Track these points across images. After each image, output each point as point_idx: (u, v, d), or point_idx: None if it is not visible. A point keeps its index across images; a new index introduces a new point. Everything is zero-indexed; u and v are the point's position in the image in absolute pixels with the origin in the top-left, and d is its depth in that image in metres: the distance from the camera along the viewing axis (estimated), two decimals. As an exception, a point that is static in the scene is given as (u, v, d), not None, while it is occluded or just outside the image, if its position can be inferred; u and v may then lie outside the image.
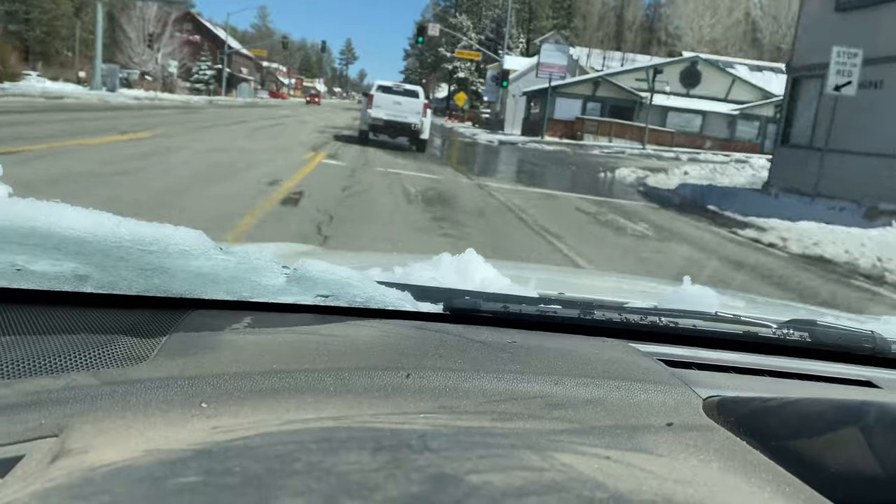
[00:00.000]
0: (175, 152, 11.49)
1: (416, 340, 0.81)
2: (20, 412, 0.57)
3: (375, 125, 18.21)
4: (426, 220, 7.85)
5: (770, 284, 6.51)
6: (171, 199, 7.12)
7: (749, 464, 0.59)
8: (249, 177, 9.51)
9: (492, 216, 8.87)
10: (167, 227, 0.71)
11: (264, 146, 15.16)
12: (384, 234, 6.70)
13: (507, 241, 7.27)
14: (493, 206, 9.71)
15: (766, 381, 0.85)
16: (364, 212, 7.95)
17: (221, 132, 18.35)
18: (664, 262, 7.08)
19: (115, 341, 0.71)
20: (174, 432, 0.55)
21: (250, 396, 0.62)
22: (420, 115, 18.04)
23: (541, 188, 13.61)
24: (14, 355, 0.65)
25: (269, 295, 0.81)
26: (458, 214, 8.58)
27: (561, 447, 0.55)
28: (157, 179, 8.32)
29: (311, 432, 0.54)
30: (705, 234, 9.63)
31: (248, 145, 14.92)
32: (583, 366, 0.78)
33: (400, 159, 15.30)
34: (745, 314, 1.02)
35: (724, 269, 7.15)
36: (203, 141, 14.59)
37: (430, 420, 0.60)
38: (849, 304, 6.18)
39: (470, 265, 1.13)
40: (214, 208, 6.92)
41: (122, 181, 7.84)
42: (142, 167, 9.17)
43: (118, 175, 8.21)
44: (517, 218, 8.82)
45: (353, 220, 7.26)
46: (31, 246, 0.66)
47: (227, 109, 34.76)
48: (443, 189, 10.94)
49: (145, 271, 0.73)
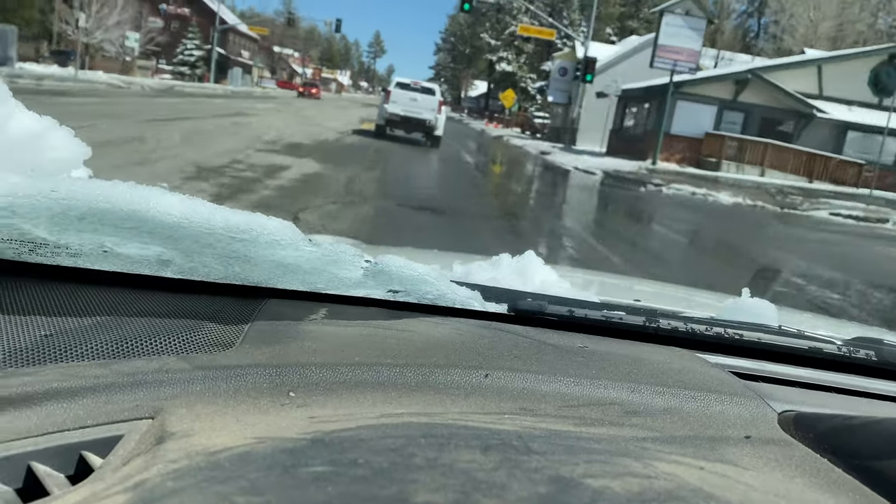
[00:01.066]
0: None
1: (489, 340, 0.81)
2: (117, 392, 0.57)
3: (392, 119, 19.05)
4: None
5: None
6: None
7: (832, 482, 0.58)
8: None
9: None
10: (260, 217, 0.71)
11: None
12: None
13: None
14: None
15: (836, 397, 0.84)
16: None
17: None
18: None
19: (201, 327, 0.71)
20: (272, 420, 0.55)
21: (336, 387, 0.63)
22: (435, 112, 18.84)
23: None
24: (107, 336, 0.66)
25: (343, 287, 0.81)
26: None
27: (654, 455, 0.55)
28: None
29: (412, 426, 0.54)
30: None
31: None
32: (656, 374, 0.77)
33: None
34: (808, 330, 1.01)
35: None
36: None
37: (515, 421, 0.60)
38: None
39: (530, 267, 1.11)
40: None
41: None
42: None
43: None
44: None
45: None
46: (126, 229, 0.67)
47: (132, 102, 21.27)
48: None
49: (228, 259, 0.73)
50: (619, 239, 9.35)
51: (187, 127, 14.98)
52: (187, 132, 13.77)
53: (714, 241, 10.71)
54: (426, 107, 18.82)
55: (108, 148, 9.31)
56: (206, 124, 16.42)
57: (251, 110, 25.43)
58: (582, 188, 16.11)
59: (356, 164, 12.56)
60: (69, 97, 18.76)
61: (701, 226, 11.92)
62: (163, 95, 27.36)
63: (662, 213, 12.73)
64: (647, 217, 12.37)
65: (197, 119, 17.56)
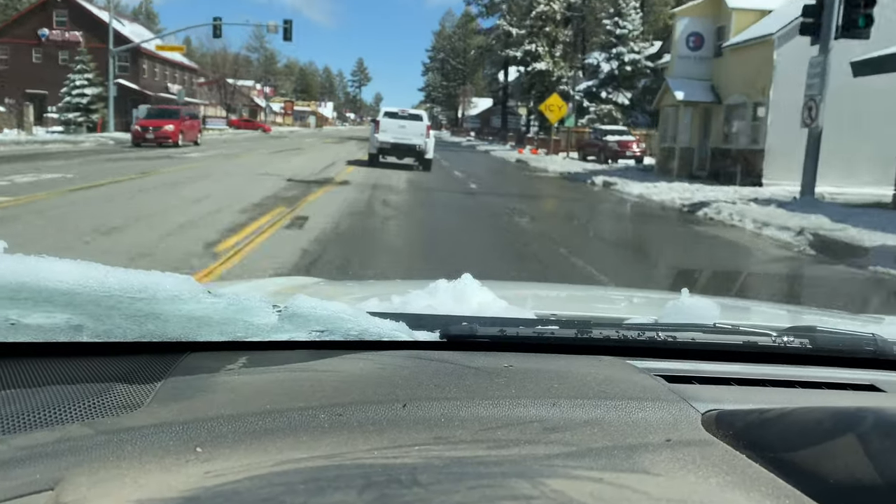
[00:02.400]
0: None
1: (411, 370, 0.80)
2: (15, 467, 0.57)
3: (383, 148, 20.29)
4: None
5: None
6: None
7: (748, 477, 0.59)
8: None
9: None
10: (156, 275, 0.71)
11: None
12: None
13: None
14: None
15: (768, 391, 0.84)
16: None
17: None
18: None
19: (111, 389, 0.71)
20: (168, 479, 0.55)
21: (245, 438, 0.63)
22: (424, 137, 19.98)
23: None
24: (9, 410, 0.66)
25: (263, 334, 0.81)
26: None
27: (554, 472, 0.56)
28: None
29: (300, 472, 0.54)
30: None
31: None
32: (579, 386, 0.78)
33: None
34: (744, 323, 1.02)
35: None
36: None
37: (423, 452, 0.60)
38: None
39: (466, 290, 1.12)
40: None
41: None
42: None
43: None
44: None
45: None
46: (22, 300, 0.67)
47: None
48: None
49: (138, 318, 0.73)
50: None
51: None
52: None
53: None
54: (415, 132, 19.83)
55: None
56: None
57: (162, 175, 13.84)
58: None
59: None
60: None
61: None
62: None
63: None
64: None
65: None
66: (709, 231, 10.51)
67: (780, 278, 7.53)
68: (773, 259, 8.48)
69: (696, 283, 4.09)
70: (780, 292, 6.73)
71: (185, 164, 17.82)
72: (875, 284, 7.08)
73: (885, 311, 4.39)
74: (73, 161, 16.94)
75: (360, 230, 8.56)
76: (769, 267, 8.09)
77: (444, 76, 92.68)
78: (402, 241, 8.19)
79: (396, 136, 19.79)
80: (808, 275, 7.85)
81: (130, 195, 10.81)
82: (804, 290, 7.09)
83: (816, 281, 7.49)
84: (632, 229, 11.63)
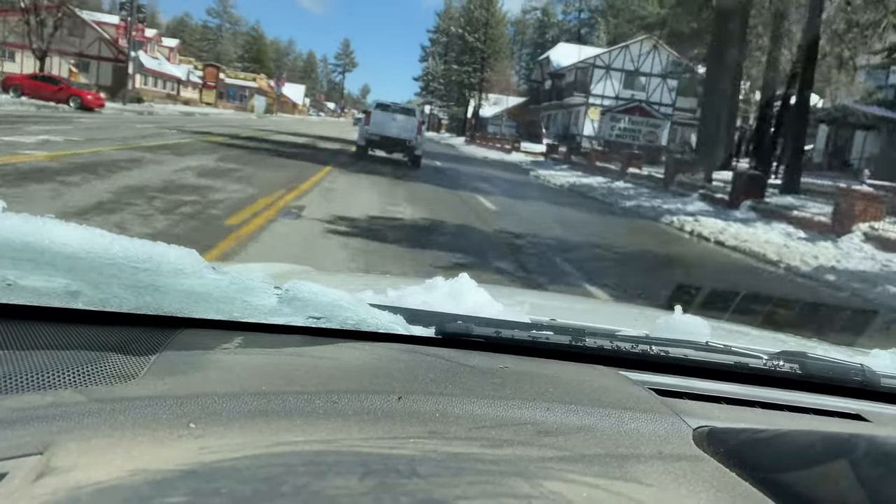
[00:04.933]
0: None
1: (407, 364, 0.80)
2: (4, 429, 0.56)
3: (372, 140, 19.44)
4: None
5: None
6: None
7: (738, 495, 0.59)
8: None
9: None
10: (160, 246, 0.71)
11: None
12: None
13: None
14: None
15: (757, 412, 0.85)
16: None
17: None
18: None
19: (105, 358, 0.70)
20: (161, 452, 0.55)
21: (238, 417, 0.62)
22: (415, 132, 19.28)
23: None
24: (1, 371, 0.65)
25: (260, 315, 0.80)
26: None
27: (550, 475, 0.56)
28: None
29: (299, 455, 0.54)
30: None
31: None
32: (574, 393, 0.78)
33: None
34: (735, 345, 1.03)
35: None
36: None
37: (419, 445, 0.60)
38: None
39: (463, 289, 1.12)
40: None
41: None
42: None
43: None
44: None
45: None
46: (24, 261, 0.66)
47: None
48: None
49: (137, 289, 0.72)
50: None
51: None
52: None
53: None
54: (406, 127, 19.26)
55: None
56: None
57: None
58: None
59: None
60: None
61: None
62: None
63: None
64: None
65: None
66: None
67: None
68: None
69: (692, 299, 3.73)
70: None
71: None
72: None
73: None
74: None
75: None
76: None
77: (455, 61, 69.56)
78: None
79: (387, 130, 19.21)
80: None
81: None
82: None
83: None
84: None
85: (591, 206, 15.07)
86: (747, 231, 11.55)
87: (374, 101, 20.59)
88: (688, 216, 13.15)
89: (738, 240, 10.88)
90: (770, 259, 9.75)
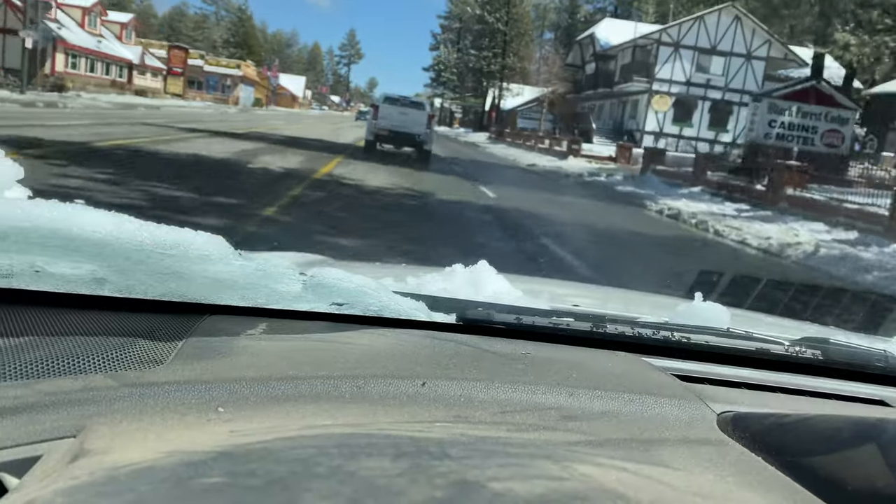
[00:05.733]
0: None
1: (430, 350, 0.81)
2: (38, 412, 0.57)
3: (380, 134, 18.85)
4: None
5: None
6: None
7: (765, 479, 0.59)
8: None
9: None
10: (188, 232, 0.71)
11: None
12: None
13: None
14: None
15: (779, 397, 0.85)
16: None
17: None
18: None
19: (133, 344, 0.71)
20: (192, 435, 0.56)
21: (267, 402, 0.63)
22: (424, 127, 18.68)
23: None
24: (33, 356, 0.66)
25: (284, 302, 0.81)
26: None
27: (579, 458, 0.56)
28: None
29: (330, 437, 0.55)
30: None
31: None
32: (596, 378, 0.78)
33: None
34: (756, 331, 1.02)
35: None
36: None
37: (446, 429, 0.61)
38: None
39: (482, 277, 1.12)
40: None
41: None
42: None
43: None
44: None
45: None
46: (53, 248, 0.67)
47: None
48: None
49: (163, 275, 0.73)
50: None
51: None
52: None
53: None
54: (415, 121, 18.85)
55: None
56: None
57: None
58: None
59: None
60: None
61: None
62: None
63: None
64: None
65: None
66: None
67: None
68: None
69: (712, 287, 3.52)
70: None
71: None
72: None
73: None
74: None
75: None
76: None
77: (472, 47, 60.77)
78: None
79: (396, 124, 18.80)
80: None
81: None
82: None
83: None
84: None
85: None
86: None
87: (381, 95, 20.11)
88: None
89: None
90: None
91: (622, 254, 8.75)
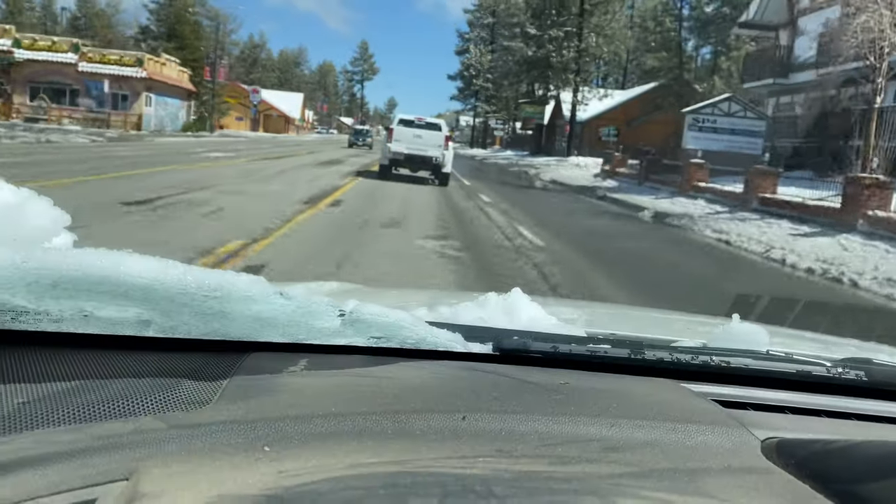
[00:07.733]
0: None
1: (468, 381, 0.81)
2: (91, 456, 0.58)
3: (396, 159, 18.63)
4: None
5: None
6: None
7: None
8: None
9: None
10: (230, 274, 0.73)
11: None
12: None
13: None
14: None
15: (824, 421, 0.84)
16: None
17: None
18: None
19: (179, 385, 0.73)
20: (242, 476, 0.56)
21: (311, 439, 0.64)
22: (442, 149, 18.36)
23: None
24: (83, 399, 0.67)
25: (323, 337, 0.82)
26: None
27: (623, 492, 0.56)
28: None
29: (376, 477, 0.55)
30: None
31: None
32: (637, 407, 0.78)
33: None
34: (797, 352, 1.01)
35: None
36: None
37: (489, 464, 0.61)
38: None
39: (516, 304, 1.12)
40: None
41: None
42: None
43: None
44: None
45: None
46: (101, 293, 0.69)
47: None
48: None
49: (206, 315, 0.75)
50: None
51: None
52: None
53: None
54: (432, 143, 18.44)
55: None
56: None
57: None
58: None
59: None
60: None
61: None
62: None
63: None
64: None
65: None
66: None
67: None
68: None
69: (751, 308, 3.57)
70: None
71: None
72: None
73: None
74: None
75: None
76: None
77: (521, 36, 41.16)
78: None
79: (411, 147, 18.39)
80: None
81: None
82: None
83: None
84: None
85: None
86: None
87: (395, 117, 19.81)
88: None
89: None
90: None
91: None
